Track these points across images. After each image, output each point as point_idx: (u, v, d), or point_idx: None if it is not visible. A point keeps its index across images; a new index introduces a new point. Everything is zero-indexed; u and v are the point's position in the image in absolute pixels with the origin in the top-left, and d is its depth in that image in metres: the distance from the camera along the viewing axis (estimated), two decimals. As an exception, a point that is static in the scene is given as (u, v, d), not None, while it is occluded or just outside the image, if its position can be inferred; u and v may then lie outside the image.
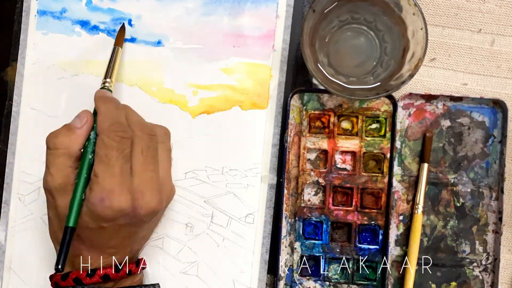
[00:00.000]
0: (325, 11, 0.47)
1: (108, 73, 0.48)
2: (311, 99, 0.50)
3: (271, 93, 0.51)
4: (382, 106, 0.50)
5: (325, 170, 0.50)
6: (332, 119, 0.50)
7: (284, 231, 0.50)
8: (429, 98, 0.50)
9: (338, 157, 0.51)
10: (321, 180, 0.50)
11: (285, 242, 0.50)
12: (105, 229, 0.42)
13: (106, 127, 0.43)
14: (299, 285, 0.50)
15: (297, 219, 0.50)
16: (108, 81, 0.48)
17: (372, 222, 0.50)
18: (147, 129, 0.44)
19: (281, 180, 0.50)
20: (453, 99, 0.50)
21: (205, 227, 0.50)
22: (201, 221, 0.50)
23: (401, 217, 0.50)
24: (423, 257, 0.50)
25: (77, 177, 0.42)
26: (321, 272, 0.50)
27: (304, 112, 0.51)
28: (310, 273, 0.51)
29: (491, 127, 0.50)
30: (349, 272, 0.50)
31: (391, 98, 0.50)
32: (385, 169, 0.50)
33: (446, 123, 0.51)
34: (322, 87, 0.49)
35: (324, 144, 0.50)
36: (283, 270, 0.50)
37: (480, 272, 0.50)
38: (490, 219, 0.50)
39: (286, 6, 0.51)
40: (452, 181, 0.50)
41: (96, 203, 0.41)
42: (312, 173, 0.50)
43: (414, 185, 0.50)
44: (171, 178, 0.49)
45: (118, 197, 0.41)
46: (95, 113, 0.45)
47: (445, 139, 0.51)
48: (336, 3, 0.46)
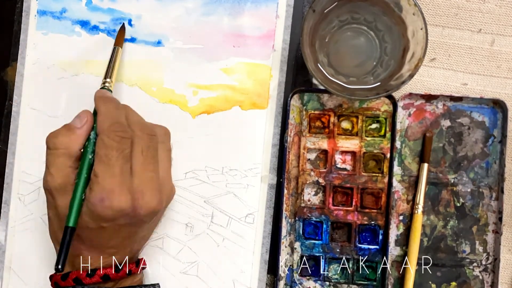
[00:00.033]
0: (325, 11, 0.47)
1: (108, 73, 0.48)
2: (311, 99, 0.50)
3: (271, 93, 0.51)
4: (382, 106, 0.50)
5: (325, 170, 0.50)
6: (332, 119, 0.50)
7: (284, 231, 0.50)
8: (429, 98, 0.50)
9: (338, 157, 0.51)
10: (321, 180, 0.50)
11: (285, 242, 0.50)
12: (105, 229, 0.42)
13: (106, 127, 0.42)
14: (299, 285, 0.50)
15: (297, 219, 0.50)
16: (108, 81, 0.48)
17: (372, 222, 0.50)
18: (147, 129, 0.44)
19: (281, 180, 0.50)
20: (453, 99, 0.50)
21: (205, 227, 0.50)
22: (201, 221, 0.50)
23: (401, 217, 0.50)
24: (423, 257, 0.50)
25: (77, 177, 0.42)
26: (321, 272, 0.50)
27: (304, 112, 0.51)
28: (310, 273, 0.51)
29: (491, 127, 0.50)
30: (349, 272, 0.50)
31: (391, 98, 0.50)
32: (385, 169, 0.50)
33: (446, 123, 0.51)
34: (322, 87, 0.49)
35: (324, 144, 0.50)
36: (283, 270, 0.50)
37: (480, 272, 0.50)
38: (490, 219, 0.50)
39: (286, 6, 0.51)
40: (452, 181, 0.50)
41: (96, 203, 0.41)
42: (312, 173, 0.50)
43: (414, 185, 0.50)
44: (171, 178, 0.49)
45: (118, 197, 0.41)
46: (95, 113, 0.45)
47: (445, 139, 0.51)
48: (336, 3, 0.46)
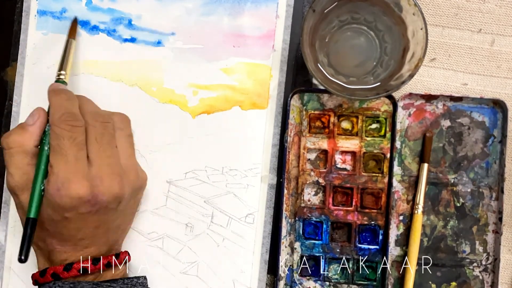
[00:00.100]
0: (325, 11, 0.47)
1: (62, 65, 0.48)
2: (311, 99, 0.50)
3: (271, 93, 0.51)
4: (382, 106, 0.50)
5: (325, 170, 0.50)
6: (332, 119, 0.50)
7: (284, 231, 0.50)
8: (429, 98, 0.50)
9: (338, 157, 0.51)
10: (321, 180, 0.50)
11: (285, 242, 0.50)
12: (70, 220, 0.42)
13: (56, 118, 0.43)
14: (299, 285, 0.50)
15: (297, 219, 0.50)
16: (62, 73, 0.48)
17: (372, 222, 0.50)
18: (101, 117, 0.45)
19: (281, 180, 0.50)
20: (453, 99, 0.50)
21: (205, 227, 0.50)
22: (201, 221, 0.50)
23: (401, 217, 0.50)
24: (423, 257, 0.50)
25: (35, 170, 0.43)
26: (321, 272, 0.50)
27: (304, 112, 0.51)
28: (310, 273, 0.51)
29: (491, 127, 0.50)
30: (349, 272, 0.50)
31: (391, 98, 0.50)
32: (385, 169, 0.50)
33: (446, 123, 0.51)
34: (322, 87, 0.49)
35: (324, 144, 0.50)
36: (283, 270, 0.50)
37: (480, 272, 0.50)
38: (490, 219, 0.50)
39: (286, 6, 0.51)
40: (452, 181, 0.50)
41: (53, 193, 0.41)
42: (312, 173, 0.50)
43: (414, 185, 0.50)
44: (137, 163, 0.49)
45: (74, 185, 0.41)
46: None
47: (445, 139, 0.51)
48: (336, 3, 0.46)
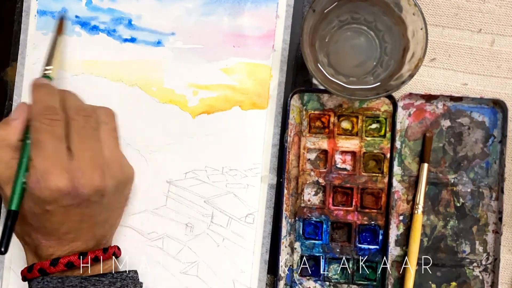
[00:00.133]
0: (325, 11, 0.47)
1: (49, 61, 0.49)
2: (311, 99, 0.50)
3: (271, 93, 0.51)
4: (382, 106, 0.50)
5: (325, 170, 0.50)
6: (332, 119, 0.50)
7: (284, 231, 0.50)
8: (429, 98, 0.50)
9: (338, 157, 0.51)
10: (321, 180, 0.50)
11: (285, 242, 0.50)
12: (52, 213, 0.42)
13: (36, 112, 0.43)
14: (299, 285, 0.50)
15: (297, 219, 0.50)
16: (47, 68, 0.48)
17: (372, 222, 0.50)
18: (83, 111, 0.45)
19: (281, 180, 0.50)
20: (453, 99, 0.50)
21: (205, 227, 0.50)
22: (201, 221, 0.50)
23: (401, 217, 0.50)
24: (423, 257, 0.50)
25: (17, 163, 0.43)
26: (321, 272, 0.50)
27: (304, 112, 0.51)
28: (310, 273, 0.51)
29: (491, 127, 0.50)
30: (349, 272, 0.50)
31: (391, 98, 0.50)
32: (385, 169, 0.50)
33: (446, 123, 0.51)
34: (322, 87, 0.49)
35: (324, 144, 0.50)
36: (283, 270, 0.50)
37: (480, 272, 0.50)
38: (490, 219, 0.50)
39: (286, 6, 0.51)
40: (452, 181, 0.50)
41: (33, 185, 0.41)
42: (312, 173, 0.50)
43: (414, 185, 0.50)
44: (122, 157, 0.48)
45: (53, 176, 0.41)
46: None
47: (445, 139, 0.51)
48: (336, 3, 0.46)
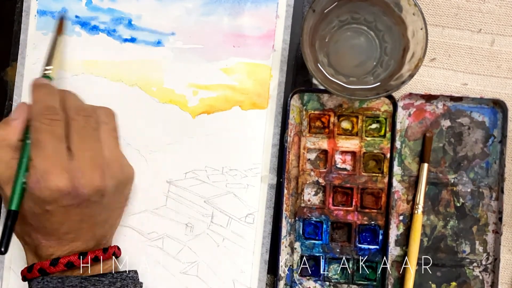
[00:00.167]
0: (325, 11, 0.47)
1: (48, 61, 0.49)
2: (311, 99, 0.50)
3: (271, 93, 0.51)
4: (382, 106, 0.50)
5: (325, 170, 0.50)
6: (332, 119, 0.50)
7: (284, 231, 0.50)
8: (429, 98, 0.50)
9: (338, 157, 0.51)
10: (321, 180, 0.50)
11: (285, 242, 0.50)
12: (52, 213, 0.42)
13: (35, 112, 0.43)
14: (299, 285, 0.50)
15: (297, 219, 0.50)
16: (47, 68, 0.48)
17: (372, 222, 0.50)
18: (83, 111, 0.45)
19: (281, 180, 0.50)
20: (453, 99, 0.50)
21: (205, 227, 0.50)
22: (201, 221, 0.50)
23: (401, 217, 0.50)
24: (423, 257, 0.50)
25: (18, 163, 0.43)
26: (321, 272, 0.50)
27: (304, 112, 0.51)
28: (310, 273, 0.51)
29: (491, 127, 0.50)
30: (349, 272, 0.50)
31: (391, 98, 0.50)
32: (385, 169, 0.50)
33: (446, 123, 0.51)
34: (322, 87, 0.49)
35: (324, 144, 0.50)
36: (283, 270, 0.50)
37: (480, 272, 0.50)
38: (490, 219, 0.50)
39: (286, 6, 0.51)
40: (452, 181, 0.50)
41: (33, 185, 0.41)
42: (312, 173, 0.50)
43: (414, 185, 0.50)
44: (122, 157, 0.48)
45: (53, 176, 0.41)
46: None
47: (445, 139, 0.51)
48: (336, 3, 0.46)
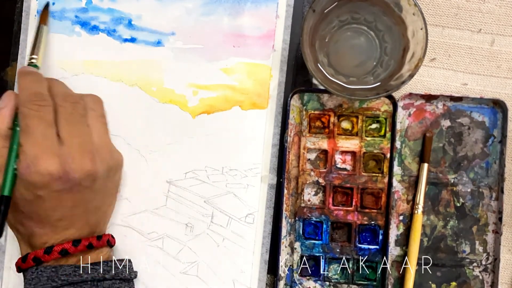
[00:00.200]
0: (325, 11, 0.47)
1: (34, 50, 0.49)
2: (311, 99, 0.50)
3: (271, 93, 0.51)
4: (382, 106, 0.50)
5: (325, 170, 0.50)
6: (332, 119, 0.50)
7: (284, 231, 0.50)
8: (429, 98, 0.50)
9: (338, 157, 0.51)
10: (321, 180, 0.50)
11: (285, 242, 0.50)
12: (44, 198, 0.42)
13: (23, 99, 0.43)
14: (299, 285, 0.50)
15: (297, 219, 0.50)
16: (33, 57, 0.48)
17: (372, 222, 0.50)
18: (70, 98, 0.45)
19: (281, 180, 0.50)
20: (453, 99, 0.50)
21: (205, 227, 0.50)
22: (201, 221, 0.50)
23: (401, 217, 0.50)
24: (423, 257, 0.50)
25: (8, 151, 0.43)
26: (321, 272, 0.50)
27: (304, 112, 0.51)
28: (310, 273, 0.51)
29: (491, 127, 0.50)
30: (349, 272, 0.50)
31: (391, 98, 0.50)
32: (385, 169, 0.50)
33: (446, 123, 0.51)
34: (322, 87, 0.49)
35: (324, 144, 0.50)
36: (283, 270, 0.50)
37: (480, 272, 0.50)
38: (490, 219, 0.50)
39: (286, 6, 0.51)
40: (452, 181, 0.50)
41: (23, 171, 0.42)
42: (312, 173, 0.50)
43: (414, 185, 0.50)
44: (111, 143, 0.49)
45: (43, 161, 0.41)
46: None
47: (445, 139, 0.51)
48: (336, 3, 0.46)
